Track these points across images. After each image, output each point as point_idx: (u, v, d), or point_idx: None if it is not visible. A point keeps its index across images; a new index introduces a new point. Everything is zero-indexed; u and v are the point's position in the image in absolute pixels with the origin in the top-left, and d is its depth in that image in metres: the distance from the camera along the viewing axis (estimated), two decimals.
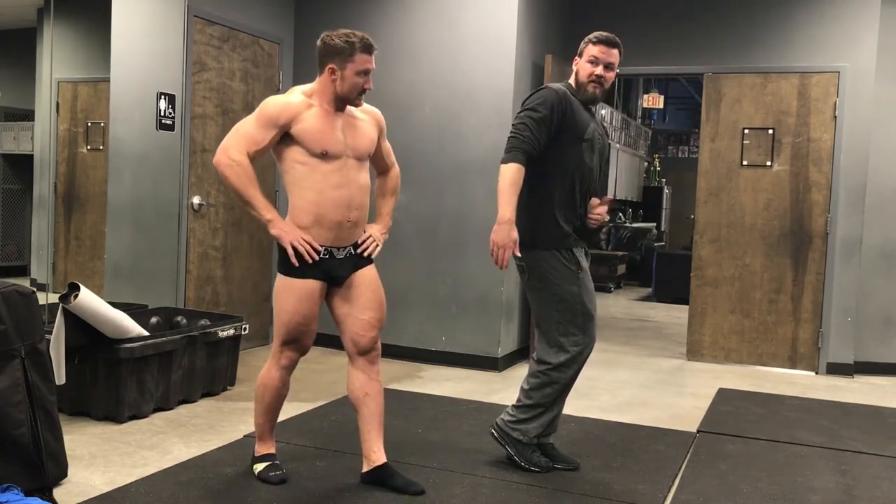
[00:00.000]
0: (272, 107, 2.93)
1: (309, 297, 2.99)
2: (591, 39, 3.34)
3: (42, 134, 5.28)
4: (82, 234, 5.30)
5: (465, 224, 5.50)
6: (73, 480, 3.07)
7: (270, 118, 2.92)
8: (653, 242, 11.92)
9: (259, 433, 3.23)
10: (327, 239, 2.97)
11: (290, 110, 2.92)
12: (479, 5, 5.47)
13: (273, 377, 3.11)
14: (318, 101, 2.97)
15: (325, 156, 2.92)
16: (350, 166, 2.98)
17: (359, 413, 3.11)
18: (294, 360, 3.12)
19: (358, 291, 3.06)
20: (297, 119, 2.92)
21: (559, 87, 3.32)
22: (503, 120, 5.35)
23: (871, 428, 4.33)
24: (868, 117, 5.70)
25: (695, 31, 6.10)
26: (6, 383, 2.78)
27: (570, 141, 3.26)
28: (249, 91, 5.61)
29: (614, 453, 3.70)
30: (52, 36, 4.82)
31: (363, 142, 3.04)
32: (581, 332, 3.29)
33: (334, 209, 2.94)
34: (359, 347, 3.07)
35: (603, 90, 3.36)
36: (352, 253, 3.05)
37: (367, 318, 3.06)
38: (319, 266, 2.97)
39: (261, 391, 3.15)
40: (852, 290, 5.77)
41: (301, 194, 2.95)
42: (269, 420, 3.21)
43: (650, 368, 5.81)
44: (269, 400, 3.15)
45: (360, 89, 2.95)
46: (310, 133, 2.92)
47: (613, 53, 3.32)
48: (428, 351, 5.59)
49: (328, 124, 2.95)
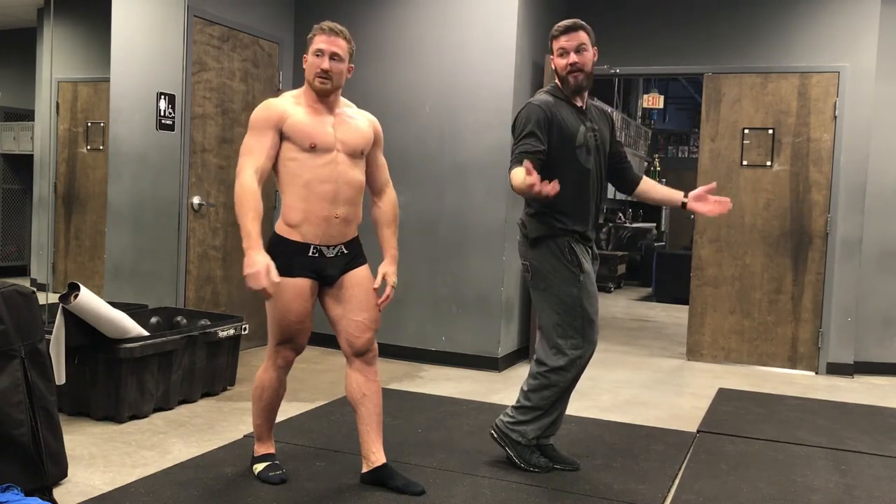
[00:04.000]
0: (261, 112, 2.96)
1: (300, 296, 2.98)
2: (553, 34, 3.31)
3: (42, 134, 5.28)
4: (82, 234, 5.30)
5: (465, 224, 5.50)
6: (73, 480, 3.07)
7: (263, 122, 2.93)
8: (653, 242, 11.92)
9: (258, 434, 3.24)
10: (316, 236, 2.97)
11: (278, 109, 2.95)
12: (479, 5, 5.47)
13: (270, 377, 3.12)
14: (304, 101, 3.01)
15: (314, 149, 2.93)
16: (340, 161, 2.98)
17: (357, 413, 3.11)
18: (290, 360, 3.12)
19: (351, 293, 3.05)
20: (287, 115, 2.94)
21: (541, 98, 3.30)
22: (503, 120, 5.35)
23: (871, 428, 4.33)
24: (868, 117, 5.70)
25: (695, 31, 6.10)
26: (6, 383, 2.78)
27: (562, 151, 3.24)
28: (249, 91, 5.61)
29: (614, 453, 3.70)
30: (52, 36, 4.82)
31: (354, 136, 3.03)
32: (580, 335, 3.28)
33: (320, 204, 2.94)
34: (354, 349, 3.07)
35: (586, 76, 3.29)
36: (343, 252, 3.04)
37: (361, 319, 3.05)
38: (309, 265, 2.97)
39: (258, 392, 3.16)
40: (852, 290, 5.77)
41: (291, 191, 2.95)
42: (268, 420, 3.22)
43: (650, 368, 5.81)
44: (267, 400, 3.15)
45: (316, 70, 2.94)
46: (298, 127, 2.93)
47: (579, 35, 3.27)
48: (428, 351, 5.59)
49: (317, 119, 2.97)
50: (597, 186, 3.37)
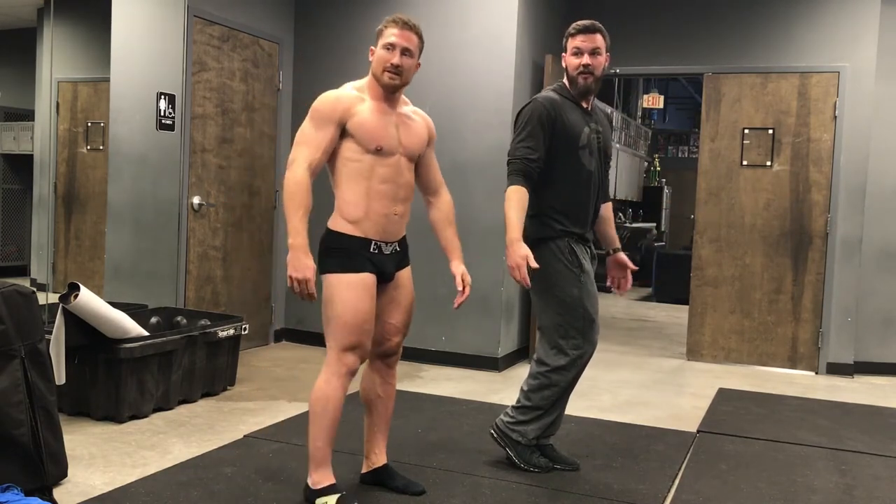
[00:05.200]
0: (325, 103, 2.80)
1: (368, 291, 2.81)
2: (570, 32, 3.29)
3: (42, 134, 5.28)
4: (82, 234, 5.30)
5: (465, 224, 5.48)
6: (73, 480, 3.07)
7: (325, 115, 2.78)
8: (653, 242, 11.91)
9: (318, 458, 2.84)
10: (377, 233, 2.84)
11: (344, 103, 2.80)
12: (479, 5, 5.47)
13: (334, 388, 2.80)
14: (368, 95, 2.86)
15: (380, 152, 2.81)
16: (402, 165, 2.88)
17: (368, 413, 3.07)
18: (355, 368, 2.84)
19: (393, 294, 2.96)
20: (352, 112, 2.79)
21: (547, 96, 3.29)
22: (503, 120, 5.35)
23: (871, 428, 4.33)
24: (868, 117, 5.70)
25: (695, 31, 6.10)
26: (6, 383, 2.78)
27: (565, 151, 3.24)
28: (249, 91, 5.61)
29: (614, 453, 3.70)
30: (52, 36, 4.82)
31: (415, 141, 2.94)
32: (581, 335, 3.28)
33: (381, 201, 2.82)
34: (381, 350, 3.00)
35: (595, 79, 3.28)
36: (397, 249, 2.93)
37: (395, 322, 2.98)
38: (372, 260, 2.84)
39: (321, 405, 2.80)
40: (852, 290, 5.77)
41: (351, 188, 2.81)
42: (331, 441, 2.85)
43: (650, 368, 5.81)
44: (332, 415, 2.81)
45: (385, 64, 2.82)
46: (364, 127, 2.80)
47: (596, 38, 3.25)
48: (428, 351, 5.59)
49: (382, 120, 2.84)
50: (597, 188, 3.37)
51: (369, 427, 3.08)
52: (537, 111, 3.21)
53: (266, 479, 3.17)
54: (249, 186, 5.61)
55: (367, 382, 3.06)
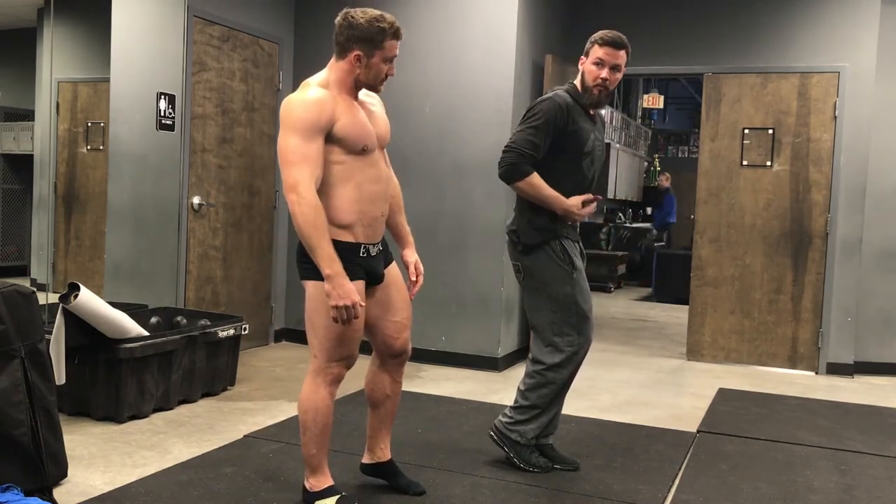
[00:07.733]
0: (308, 111, 2.63)
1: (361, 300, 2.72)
2: (596, 40, 3.25)
3: (42, 134, 5.28)
4: (82, 234, 5.30)
5: (465, 224, 5.50)
6: (73, 480, 3.07)
7: (311, 125, 2.62)
8: (653, 242, 11.91)
9: (314, 465, 2.82)
10: (367, 236, 2.78)
11: (327, 108, 2.65)
12: (479, 5, 5.47)
13: (322, 397, 2.76)
14: (336, 91, 2.72)
15: (364, 151, 2.73)
16: (379, 157, 2.82)
17: (373, 411, 3.05)
18: (342, 376, 2.80)
19: (386, 292, 2.91)
20: (336, 116, 2.66)
21: (562, 95, 3.27)
22: (503, 120, 5.35)
23: (871, 428, 4.33)
24: (868, 117, 5.70)
25: (695, 31, 6.10)
26: (6, 383, 2.78)
27: (570, 154, 3.26)
28: (249, 91, 5.61)
29: (614, 453, 3.70)
30: (52, 36, 4.82)
31: (384, 129, 2.88)
32: (576, 332, 3.29)
33: (372, 204, 2.77)
34: (392, 350, 2.97)
35: (608, 93, 3.30)
36: (380, 249, 2.87)
37: (398, 319, 2.95)
38: (362, 265, 2.76)
39: (310, 416, 2.76)
40: (852, 290, 5.77)
41: (340, 193, 2.70)
42: (324, 447, 2.81)
43: (650, 368, 5.81)
44: (322, 424, 2.77)
45: (384, 77, 2.77)
46: (353, 130, 2.69)
47: (620, 55, 3.24)
48: (428, 351, 5.59)
49: (359, 116, 2.74)
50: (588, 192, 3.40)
51: (374, 423, 3.06)
52: (553, 111, 3.20)
53: (266, 479, 3.17)
54: (249, 186, 5.61)
55: (375, 382, 3.02)
